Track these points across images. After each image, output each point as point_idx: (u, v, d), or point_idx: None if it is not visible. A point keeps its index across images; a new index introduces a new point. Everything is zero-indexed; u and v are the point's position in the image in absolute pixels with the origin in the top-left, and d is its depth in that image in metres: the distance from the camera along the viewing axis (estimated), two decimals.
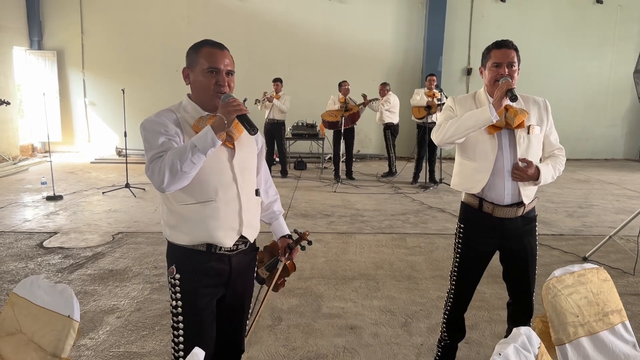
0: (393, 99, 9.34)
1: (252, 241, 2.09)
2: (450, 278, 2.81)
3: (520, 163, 2.46)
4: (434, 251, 5.26)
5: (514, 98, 2.37)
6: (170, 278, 2.01)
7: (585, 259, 4.96)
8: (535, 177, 2.46)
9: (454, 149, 2.67)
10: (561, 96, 11.63)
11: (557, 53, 11.93)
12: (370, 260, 4.96)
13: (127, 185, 7.80)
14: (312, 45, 11.81)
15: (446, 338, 2.89)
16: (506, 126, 2.47)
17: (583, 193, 8.37)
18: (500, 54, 2.46)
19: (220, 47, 1.96)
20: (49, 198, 7.30)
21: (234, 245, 2.01)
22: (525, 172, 2.44)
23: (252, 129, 1.83)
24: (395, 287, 4.31)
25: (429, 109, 8.25)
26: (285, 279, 2.42)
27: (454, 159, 2.71)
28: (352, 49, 11.80)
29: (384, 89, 9.44)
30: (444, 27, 11.64)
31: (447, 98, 8.34)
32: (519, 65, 2.51)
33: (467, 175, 2.61)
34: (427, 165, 8.69)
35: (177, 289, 1.98)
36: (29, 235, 5.60)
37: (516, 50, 2.49)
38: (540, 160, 2.63)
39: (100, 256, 4.96)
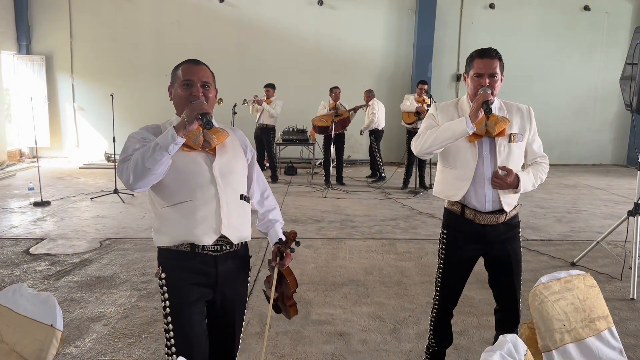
0: (377, 106, 9.44)
1: (235, 242, 2.05)
2: (435, 284, 2.82)
3: (499, 171, 2.46)
4: (424, 257, 5.26)
5: (488, 111, 2.37)
6: (158, 279, 2.04)
7: (573, 264, 4.99)
8: (514, 185, 2.47)
9: None
10: (549, 102, 11.73)
11: (546, 59, 12.03)
12: (360, 266, 4.95)
13: (116, 191, 7.74)
14: (302, 51, 11.81)
15: (434, 344, 2.89)
16: (487, 134, 2.48)
17: (571, 198, 8.42)
18: (483, 64, 2.45)
19: (196, 62, 2.08)
20: (36, 204, 7.22)
21: (217, 245, 2.01)
22: (505, 180, 2.44)
23: (207, 123, 1.88)
24: (384, 293, 4.30)
25: (419, 114, 8.30)
26: (294, 298, 2.27)
27: None
28: (342, 55, 11.82)
29: (368, 95, 9.53)
30: (433, 34, 11.69)
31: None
32: (502, 74, 2.51)
33: (449, 182, 2.63)
34: (417, 170, 8.71)
35: (165, 288, 2.01)
36: (15, 242, 5.53)
37: (499, 59, 2.48)
38: (523, 167, 2.63)
39: (87, 263, 4.91)
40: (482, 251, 2.66)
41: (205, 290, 2.03)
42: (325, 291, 4.31)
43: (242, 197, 2.11)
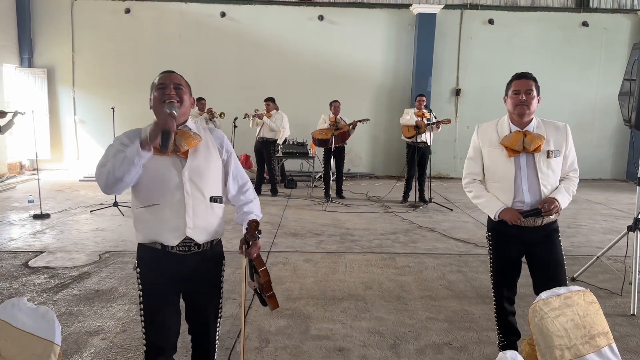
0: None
1: (201, 243, 2.25)
2: (492, 282, 3.15)
3: (545, 205, 2.83)
4: (424, 271, 5.25)
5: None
6: (135, 271, 2.30)
7: (573, 280, 4.97)
8: (560, 208, 2.88)
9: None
10: (548, 117, 11.47)
11: (544, 74, 12.03)
12: (360, 280, 4.93)
13: (115, 204, 7.74)
14: (302, 65, 11.89)
15: (502, 339, 3.18)
16: (524, 150, 2.82)
17: (571, 213, 8.41)
18: (520, 84, 2.85)
19: (169, 71, 2.31)
20: (35, 216, 7.21)
21: (184, 245, 2.22)
22: (552, 211, 2.84)
23: (162, 145, 2.04)
24: (384, 307, 4.29)
25: (418, 128, 8.33)
26: (274, 291, 2.26)
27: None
28: (342, 69, 11.90)
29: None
30: (433, 48, 11.77)
31: (435, 118, 8.49)
32: (539, 95, 2.88)
33: (493, 194, 2.98)
34: (417, 184, 8.72)
35: (139, 280, 2.27)
36: (14, 255, 5.52)
37: (535, 80, 2.87)
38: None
39: (86, 276, 4.90)
40: (524, 252, 2.99)
41: (174, 285, 2.28)
42: (324, 306, 4.30)
43: (212, 200, 2.27)
